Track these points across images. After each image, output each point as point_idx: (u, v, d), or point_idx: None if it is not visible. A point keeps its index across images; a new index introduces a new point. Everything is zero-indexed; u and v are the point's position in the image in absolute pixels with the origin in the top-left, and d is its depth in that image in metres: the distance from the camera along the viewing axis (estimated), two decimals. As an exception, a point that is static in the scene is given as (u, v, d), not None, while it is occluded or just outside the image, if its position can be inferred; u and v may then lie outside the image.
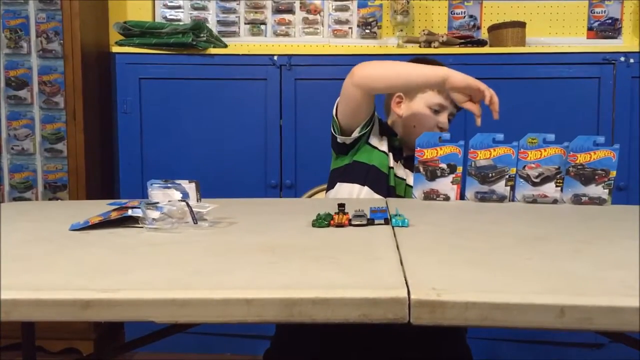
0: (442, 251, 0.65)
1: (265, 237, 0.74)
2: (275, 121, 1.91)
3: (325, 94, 1.85)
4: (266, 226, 0.83)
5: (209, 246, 0.69)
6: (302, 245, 0.68)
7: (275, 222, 0.87)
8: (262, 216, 0.94)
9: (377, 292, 0.49)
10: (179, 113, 1.94)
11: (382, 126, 1.17)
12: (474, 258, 0.62)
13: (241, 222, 0.86)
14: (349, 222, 0.80)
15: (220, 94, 1.93)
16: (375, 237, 0.73)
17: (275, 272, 0.56)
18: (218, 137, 1.93)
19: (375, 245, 0.68)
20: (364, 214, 0.81)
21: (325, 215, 0.81)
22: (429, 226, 0.81)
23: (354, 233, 0.76)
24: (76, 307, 0.49)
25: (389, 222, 0.80)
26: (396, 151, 1.17)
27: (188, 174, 1.83)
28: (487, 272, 0.56)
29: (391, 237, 0.72)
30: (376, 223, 0.80)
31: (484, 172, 1.08)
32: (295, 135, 1.90)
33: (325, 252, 0.64)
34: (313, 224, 0.80)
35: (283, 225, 0.83)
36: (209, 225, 0.81)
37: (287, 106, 1.92)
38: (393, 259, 0.60)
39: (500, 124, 1.73)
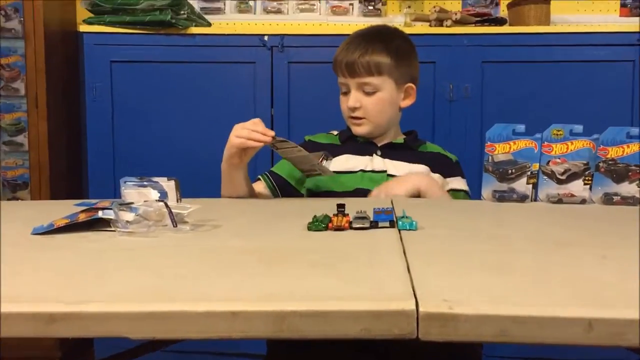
0: (454, 257, 0.65)
1: (253, 241, 0.74)
2: (265, 110, 1.91)
3: (322, 79, 1.85)
4: (255, 229, 0.83)
5: (190, 252, 0.69)
6: (295, 251, 0.68)
7: (266, 224, 0.87)
8: (250, 218, 0.94)
9: (381, 304, 0.50)
10: (155, 101, 1.94)
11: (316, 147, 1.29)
12: (491, 266, 0.62)
13: (227, 224, 0.86)
14: (350, 224, 0.80)
15: (202, 79, 1.93)
16: (379, 241, 0.73)
17: (265, 281, 0.57)
18: (200, 129, 1.93)
19: (379, 251, 0.68)
20: (366, 216, 0.81)
21: (323, 217, 0.81)
22: (440, 229, 0.81)
23: (355, 237, 0.76)
24: (39, 322, 0.49)
25: (395, 225, 0.81)
26: (365, 146, 1.29)
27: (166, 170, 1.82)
28: (505, 281, 0.56)
29: (397, 241, 0.73)
30: (380, 226, 0.80)
31: (503, 168, 1.09)
32: (288, 126, 1.91)
33: (322, 259, 0.65)
34: (308, 227, 0.80)
35: (274, 229, 0.83)
36: (190, 228, 0.81)
37: (279, 93, 1.92)
38: (399, 266, 0.61)
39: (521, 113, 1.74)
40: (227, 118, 1.93)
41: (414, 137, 1.36)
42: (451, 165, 1.33)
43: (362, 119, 1.28)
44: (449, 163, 1.33)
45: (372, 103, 1.27)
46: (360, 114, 1.28)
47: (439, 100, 1.91)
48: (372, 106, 1.27)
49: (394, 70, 1.26)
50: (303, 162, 1.16)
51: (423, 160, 1.30)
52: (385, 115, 1.29)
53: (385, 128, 1.31)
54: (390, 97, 1.27)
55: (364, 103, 1.27)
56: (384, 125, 1.30)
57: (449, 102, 1.89)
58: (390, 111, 1.29)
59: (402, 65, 1.27)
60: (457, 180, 1.30)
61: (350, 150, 1.31)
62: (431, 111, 1.92)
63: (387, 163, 1.29)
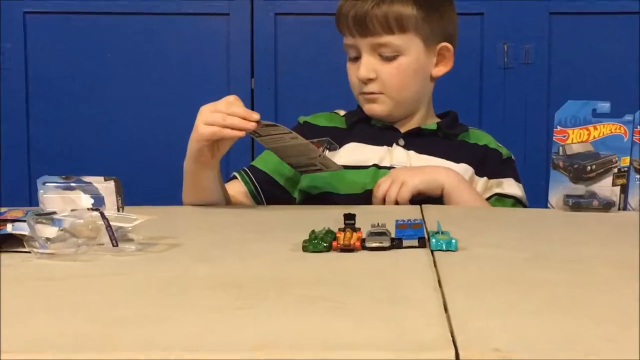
0: (508, 290, 0.65)
1: (227, 268, 0.74)
2: (243, 81, 1.91)
3: (322, 38, 1.85)
4: (229, 251, 0.83)
5: (137, 284, 0.69)
6: (286, 281, 0.68)
7: (245, 243, 0.87)
8: (223, 233, 0.94)
9: (408, 353, 0.50)
10: (90, 69, 1.94)
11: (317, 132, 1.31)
12: (559, 302, 0.62)
13: (189, 244, 0.86)
14: (362, 243, 0.80)
15: (156, 40, 1.94)
16: (404, 267, 0.73)
17: (243, 322, 0.57)
18: (153, 110, 1.94)
19: (405, 281, 0.68)
20: (385, 231, 0.81)
21: (324, 233, 0.82)
22: (489, 249, 0.82)
23: (371, 262, 0.76)
24: None
25: (427, 244, 0.81)
26: (383, 132, 1.31)
27: (103, 167, 1.83)
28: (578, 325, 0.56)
29: (429, 267, 0.73)
30: (406, 245, 0.80)
31: (579, 163, 1.09)
32: (275, 103, 1.91)
33: (323, 291, 0.64)
34: (305, 246, 0.80)
35: (257, 249, 0.84)
36: (138, 249, 0.81)
37: (261, 57, 1.92)
38: (432, 302, 0.61)
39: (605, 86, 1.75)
40: (191, 95, 1.93)
41: (451, 120, 1.36)
42: (501, 162, 1.33)
43: (378, 95, 1.29)
44: (499, 159, 1.33)
45: (391, 72, 1.27)
46: (375, 87, 1.28)
47: (489, 67, 1.91)
48: (392, 76, 1.27)
49: (422, 25, 1.26)
50: (297, 153, 1.16)
51: (464, 155, 1.31)
52: (410, 89, 1.29)
53: (410, 107, 1.32)
54: (417, 62, 1.28)
55: (381, 72, 1.27)
56: (408, 103, 1.31)
57: (503, 69, 1.90)
58: (417, 83, 1.30)
59: (433, 18, 1.27)
60: (508, 182, 1.31)
61: (361, 137, 1.32)
62: (477, 83, 1.93)
63: (412, 157, 1.30)
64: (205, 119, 1.08)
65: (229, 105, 1.09)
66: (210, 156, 1.12)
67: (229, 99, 1.10)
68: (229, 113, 1.07)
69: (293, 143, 1.13)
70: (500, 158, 1.34)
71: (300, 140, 1.12)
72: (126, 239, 0.82)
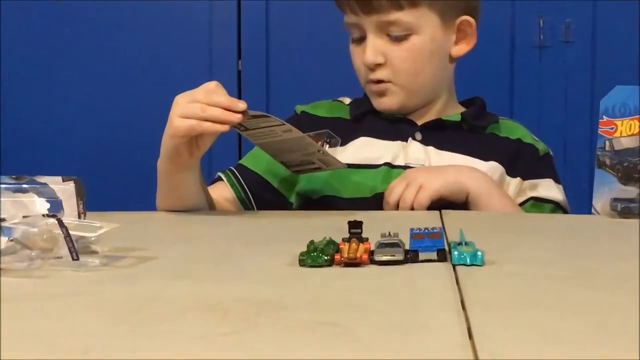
0: (544, 314, 0.65)
1: (209, 286, 0.74)
2: (229, 63, 1.91)
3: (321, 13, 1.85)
4: (212, 265, 0.83)
5: (102, 305, 0.68)
6: (280, 302, 0.68)
7: (231, 256, 0.87)
8: (205, 245, 0.94)
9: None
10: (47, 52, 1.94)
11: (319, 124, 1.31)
12: (604, 328, 0.62)
13: (165, 256, 0.86)
14: (371, 256, 0.80)
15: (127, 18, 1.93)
16: (420, 285, 0.73)
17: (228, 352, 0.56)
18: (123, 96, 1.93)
19: (421, 302, 0.68)
20: (398, 241, 0.81)
21: (325, 244, 0.81)
22: (523, 265, 0.81)
23: (380, 278, 0.76)
24: None
25: (447, 257, 0.81)
26: (396, 125, 1.32)
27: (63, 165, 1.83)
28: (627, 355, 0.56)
29: (451, 285, 0.73)
30: (422, 259, 0.80)
31: (629, 160, 1.09)
32: (266, 88, 1.91)
33: (323, 315, 0.64)
34: (302, 260, 0.80)
35: (245, 264, 0.84)
36: (102, 263, 0.81)
37: (250, 33, 1.92)
38: (454, 327, 0.60)
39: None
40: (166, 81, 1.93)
41: (478, 109, 1.36)
42: (537, 159, 1.33)
43: (387, 85, 1.28)
44: (534, 156, 1.33)
45: (402, 55, 1.27)
46: (384, 74, 1.28)
47: (522, 45, 1.91)
48: (404, 60, 1.27)
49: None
50: (291, 149, 1.16)
51: (494, 151, 1.31)
52: (425, 74, 1.29)
53: (427, 95, 1.32)
54: (433, 42, 1.28)
55: (390, 56, 1.27)
56: (424, 91, 1.31)
57: (538, 48, 1.90)
58: (434, 66, 1.30)
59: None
60: (546, 184, 1.31)
61: (370, 131, 1.32)
62: (507, 65, 1.93)
63: (430, 154, 1.30)
64: (181, 111, 1.08)
65: (208, 93, 1.08)
66: (188, 155, 1.12)
67: (209, 86, 1.09)
68: (209, 103, 1.07)
69: (286, 137, 1.13)
70: (537, 154, 1.33)
71: (295, 133, 1.12)
72: (89, 252, 0.82)
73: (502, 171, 1.29)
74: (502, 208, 1.20)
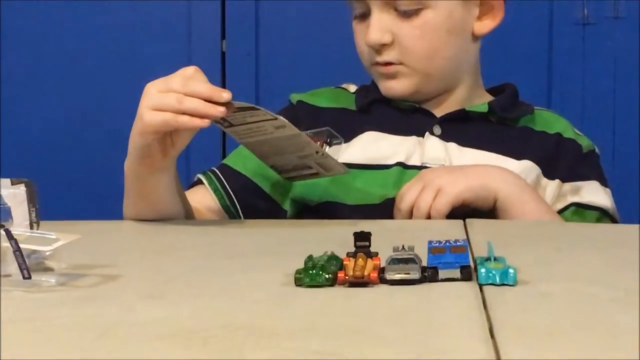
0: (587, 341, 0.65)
1: (186, 309, 0.74)
2: (212, 44, 1.91)
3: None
4: (190, 284, 0.83)
5: (59, 331, 0.68)
6: (271, 329, 0.68)
7: (213, 274, 0.87)
8: (181, 261, 0.94)
9: None
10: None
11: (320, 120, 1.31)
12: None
13: (133, 274, 0.86)
14: (381, 274, 0.80)
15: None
16: (440, 309, 0.73)
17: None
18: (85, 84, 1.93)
19: (441, 328, 0.68)
20: (413, 257, 0.81)
21: (326, 260, 0.81)
22: (561, 284, 0.81)
23: (392, 300, 0.76)
24: None
25: (472, 276, 0.81)
26: (410, 117, 1.32)
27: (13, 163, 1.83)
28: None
29: (477, 308, 0.72)
30: (443, 278, 0.80)
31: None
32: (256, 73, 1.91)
33: (323, 344, 0.64)
34: (298, 279, 0.80)
35: (230, 282, 0.83)
36: (59, 282, 0.81)
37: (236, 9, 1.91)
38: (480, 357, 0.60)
39: None
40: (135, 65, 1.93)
41: (509, 98, 1.36)
42: (580, 157, 1.33)
43: (398, 67, 1.28)
44: (577, 153, 1.33)
45: (414, 33, 1.27)
46: (392, 55, 1.29)
47: (562, 22, 1.91)
48: (415, 39, 1.28)
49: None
50: (284, 149, 1.16)
51: (528, 148, 1.31)
52: (443, 55, 1.29)
53: (445, 80, 1.32)
54: (450, 17, 1.28)
55: (399, 34, 1.27)
56: (442, 75, 1.31)
57: (582, 25, 1.90)
58: (453, 45, 1.30)
59: None
60: (590, 187, 1.30)
61: (378, 123, 1.32)
62: (545, 45, 1.93)
63: (452, 151, 1.30)
64: (153, 103, 1.07)
65: (186, 81, 1.07)
66: (161, 155, 1.11)
67: (187, 71, 1.09)
68: (186, 93, 1.06)
69: (279, 135, 1.12)
70: (580, 152, 1.33)
71: (290, 129, 1.12)
72: (43, 268, 0.82)
73: (538, 172, 1.28)
74: (536, 216, 1.19)
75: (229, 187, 1.28)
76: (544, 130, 1.34)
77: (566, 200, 1.29)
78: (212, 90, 1.06)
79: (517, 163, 1.28)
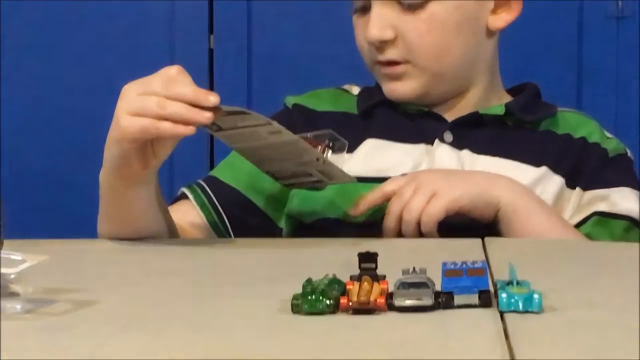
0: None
1: (169, 341, 0.74)
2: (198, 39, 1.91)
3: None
4: (174, 313, 0.83)
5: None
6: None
7: (200, 300, 0.87)
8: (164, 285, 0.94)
9: None
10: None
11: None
12: None
13: (109, 300, 0.86)
14: (389, 300, 0.81)
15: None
16: (456, 339, 0.74)
17: None
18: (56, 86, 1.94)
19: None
20: (426, 281, 0.81)
21: (327, 285, 0.82)
22: (592, 311, 0.81)
23: (402, 329, 0.76)
24: None
25: (492, 302, 0.81)
26: (419, 121, 1.33)
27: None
28: None
29: (498, 339, 0.73)
30: (459, 304, 0.81)
31: None
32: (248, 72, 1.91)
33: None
34: (296, 305, 0.81)
35: (219, 310, 0.84)
36: (25, 309, 0.81)
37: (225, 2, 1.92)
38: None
39: None
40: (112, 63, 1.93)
41: (529, 98, 1.37)
42: (606, 162, 1.33)
43: (403, 65, 1.29)
44: (601, 159, 1.33)
45: (420, 28, 1.28)
46: (395, 53, 1.30)
47: (593, 15, 1.92)
48: (422, 34, 1.29)
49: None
50: (282, 155, 1.16)
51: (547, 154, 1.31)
52: (453, 52, 1.30)
53: (456, 81, 1.33)
54: (460, 9, 1.29)
55: (403, 29, 1.28)
56: (453, 75, 1.32)
57: (615, 20, 1.90)
58: (464, 41, 1.31)
59: None
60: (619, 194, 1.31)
61: (382, 130, 1.32)
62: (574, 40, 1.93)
63: (465, 159, 1.30)
64: (131, 107, 1.07)
65: (168, 82, 1.07)
66: (141, 165, 1.11)
67: (169, 71, 1.09)
68: (168, 96, 1.06)
69: (274, 141, 1.12)
70: (604, 157, 1.33)
71: (286, 135, 1.12)
72: (7, 293, 0.82)
73: (560, 181, 1.28)
74: (546, 229, 1.19)
75: (217, 201, 1.28)
76: (568, 133, 1.34)
77: (588, 209, 1.28)
78: (198, 93, 1.06)
79: (535, 170, 1.28)
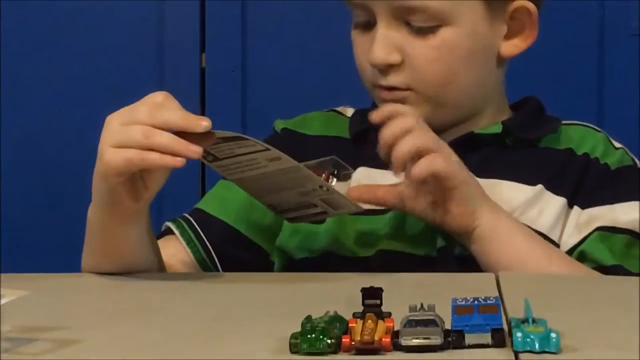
0: None
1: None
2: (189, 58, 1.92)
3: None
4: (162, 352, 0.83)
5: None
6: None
7: (191, 339, 0.87)
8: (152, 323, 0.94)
9: None
10: None
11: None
12: None
13: (94, 338, 0.86)
14: (395, 339, 0.80)
15: None
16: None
17: None
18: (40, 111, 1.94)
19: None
20: (434, 318, 0.81)
21: (328, 323, 0.82)
22: (614, 352, 0.81)
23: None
24: None
25: (506, 341, 0.81)
26: None
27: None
28: None
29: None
30: (470, 344, 0.81)
31: None
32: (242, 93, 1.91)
33: None
34: (295, 344, 0.80)
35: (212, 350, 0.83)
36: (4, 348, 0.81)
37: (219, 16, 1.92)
38: None
39: None
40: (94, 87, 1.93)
41: (528, 115, 1.37)
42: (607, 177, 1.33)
43: (404, 92, 1.29)
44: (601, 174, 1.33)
45: (428, 54, 1.28)
46: (399, 79, 1.29)
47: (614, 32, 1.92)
48: (430, 61, 1.29)
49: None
50: (282, 185, 1.16)
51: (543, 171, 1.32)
52: (460, 82, 1.31)
53: (461, 111, 1.33)
54: (473, 36, 1.29)
55: (411, 54, 1.28)
56: (457, 106, 1.33)
57: (638, 37, 1.91)
58: (473, 70, 1.32)
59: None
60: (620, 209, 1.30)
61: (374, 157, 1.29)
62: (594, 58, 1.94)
63: None
64: (115, 138, 1.07)
65: (154, 109, 1.07)
66: (132, 200, 1.10)
67: (155, 98, 1.08)
68: (154, 124, 1.05)
69: (273, 168, 1.12)
70: (605, 171, 1.34)
71: (286, 162, 1.11)
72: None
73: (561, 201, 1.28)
74: (522, 252, 1.21)
75: (205, 238, 1.28)
76: (569, 148, 1.33)
77: (587, 228, 1.28)
78: (188, 119, 1.05)
79: (530, 189, 1.29)
